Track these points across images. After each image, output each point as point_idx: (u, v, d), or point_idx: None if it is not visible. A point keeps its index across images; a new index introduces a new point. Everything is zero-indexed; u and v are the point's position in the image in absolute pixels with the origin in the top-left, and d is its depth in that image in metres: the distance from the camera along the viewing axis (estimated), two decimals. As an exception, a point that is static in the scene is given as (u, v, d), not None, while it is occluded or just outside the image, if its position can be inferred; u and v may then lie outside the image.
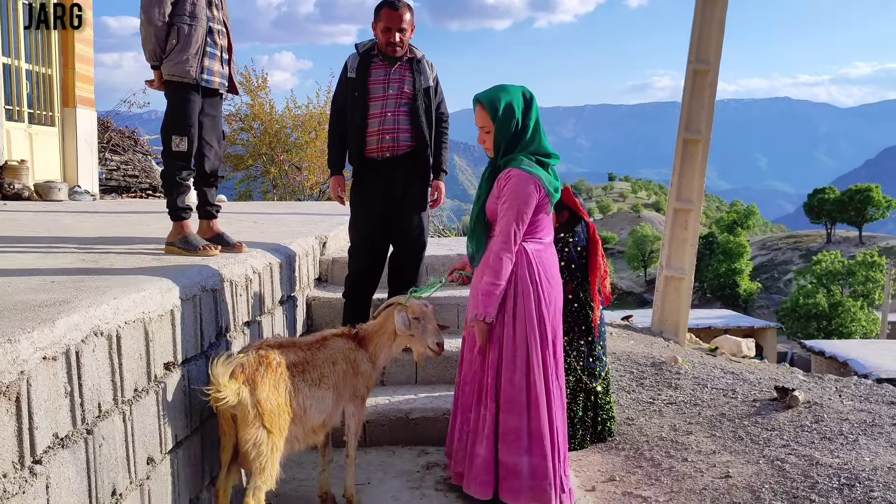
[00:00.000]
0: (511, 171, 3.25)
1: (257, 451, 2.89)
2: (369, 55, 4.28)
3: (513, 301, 3.30)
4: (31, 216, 6.31)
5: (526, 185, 3.21)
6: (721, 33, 9.08)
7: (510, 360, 3.30)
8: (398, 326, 3.37)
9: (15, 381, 1.80)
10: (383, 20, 4.17)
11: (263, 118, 15.31)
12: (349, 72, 4.30)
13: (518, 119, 3.29)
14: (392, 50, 4.21)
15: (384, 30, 4.17)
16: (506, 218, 3.23)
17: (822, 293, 43.50)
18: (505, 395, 3.31)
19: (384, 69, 4.26)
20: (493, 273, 3.23)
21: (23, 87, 9.04)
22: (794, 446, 4.21)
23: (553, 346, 3.38)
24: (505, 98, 3.31)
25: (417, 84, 4.29)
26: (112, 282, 2.69)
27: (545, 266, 3.37)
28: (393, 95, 4.24)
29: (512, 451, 3.29)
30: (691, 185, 9.29)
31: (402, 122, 4.26)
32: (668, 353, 6.96)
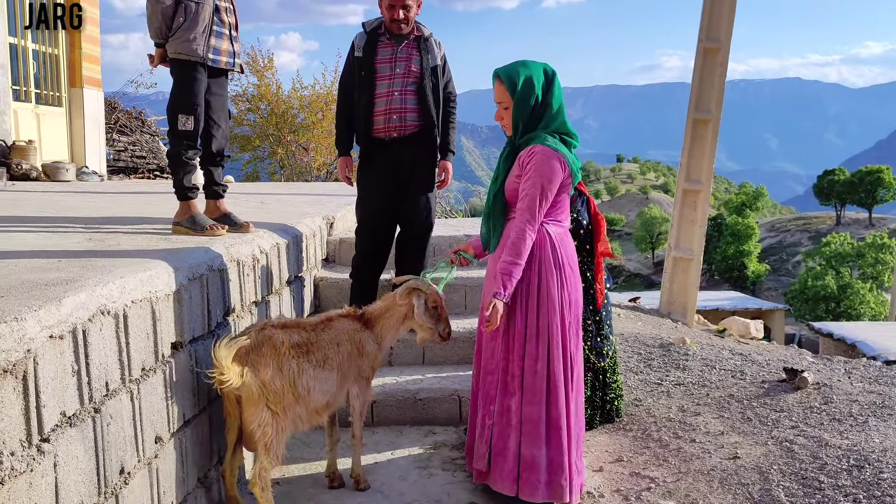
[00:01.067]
0: (535, 148, 3.12)
1: (262, 432, 2.90)
2: (376, 34, 4.23)
3: (536, 286, 3.18)
4: (39, 196, 6.32)
5: (551, 161, 3.08)
6: (732, 10, 8.98)
7: (533, 347, 3.18)
8: (418, 313, 3.32)
9: (21, 359, 1.80)
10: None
11: (270, 99, 15.26)
12: (356, 51, 4.25)
13: (538, 95, 3.16)
14: (397, 27, 4.15)
15: (388, 6, 4.10)
16: (529, 194, 3.09)
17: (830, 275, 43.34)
18: (527, 385, 3.19)
19: (391, 48, 4.20)
20: (514, 251, 3.09)
21: (30, 68, 9.02)
22: (803, 427, 4.20)
23: (576, 331, 3.28)
24: (524, 73, 3.17)
25: (425, 63, 4.23)
26: (119, 261, 2.68)
27: (567, 250, 3.26)
28: (400, 74, 4.19)
29: (530, 444, 3.18)
30: (701, 166, 9.23)
31: (410, 102, 4.21)
32: (677, 334, 6.94)
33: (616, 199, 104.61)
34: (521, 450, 3.20)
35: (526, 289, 3.18)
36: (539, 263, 3.18)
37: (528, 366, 3.19)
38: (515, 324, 3.21)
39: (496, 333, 3.26)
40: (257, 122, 15.59)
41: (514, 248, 3.10)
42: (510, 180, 3.22)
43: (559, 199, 3.21)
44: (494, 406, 3.29)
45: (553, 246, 3.20)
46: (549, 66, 3.26)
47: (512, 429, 3.22)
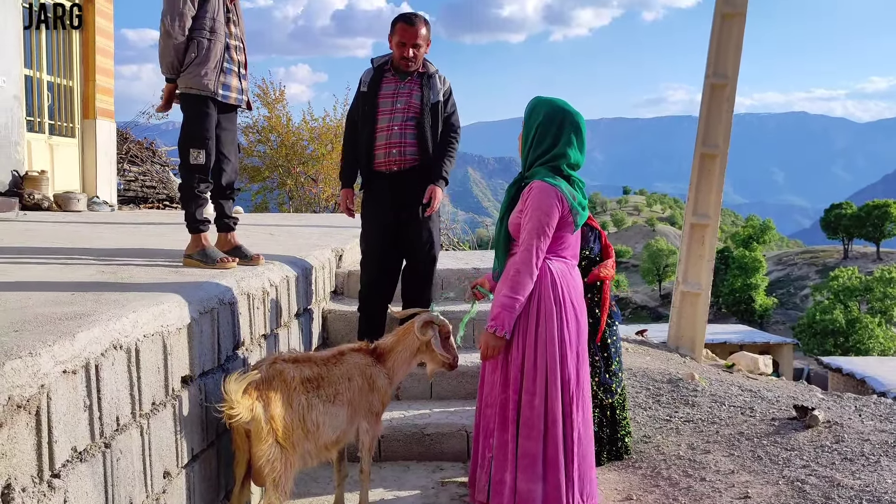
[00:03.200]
0: (533, 184, 3.14)
1: (271, 467, 2.88)
2: (382, 70, 4.32)
3: (535, 321, 3.15)
4: (51, 227, 6.36)
5: (547, 196, 3.09)
6: (739, 48, 9.06)
7: (530, 382, 3.15)
8: (435, 345, 3.36)
9: (35, 394, 1.80)
10: (398, 34, 4.18)
11: (280, 130, 15.40)
12: (362, 86, 4.34)
13: (539, 127, 3.19)
14: (405, 64, 4.22)
15: (399, 44, 4.19)
16: (527, 229, 3.11)
17: (839, 309, 43.08)
18: (524, 419, 3.16)
19: (394, 83, 4.29)
20: (512, 287, 3.09)
21: (44, 99, 9.15)
22: (815, 467, 4.15)
23: (576, 370, 3.23)
24: (537, 108, 3.24)
25: (426, 98, 4.28)
26: (131, 295, 2.70)
27: (569, 286, 3.22)
28: (400, 109, 4.25)
29: (527, 478, 3.14)
30: (708, 200, 9.25)
31: (409, 136, 4.26)
32: (685, 369, 6.90)
33: (623, 231, 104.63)
34: (517, 484, 3.18)
35: (525, 324, 3.16)
36: (538, 299, 3.15)
37: (526, 401, 3.16)
38: (514, 358, 3.19)
39: (496, 367, 3.25)
40: (267, 153, 15.72)
41: (512, 283, 3.10)
42: (514, 215, 3.24)
43: (561, 235, 3.19)
44: (493, 439, 3.27)
45: (553, 281, 3.17)
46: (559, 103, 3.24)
47: (508, 462, 3.19)
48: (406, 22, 4.19)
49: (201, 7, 3.66)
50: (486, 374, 3.35)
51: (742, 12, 9.13)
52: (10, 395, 1.71)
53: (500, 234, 3.31)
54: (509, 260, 3.24)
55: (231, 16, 3.80)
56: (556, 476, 3.14)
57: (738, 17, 9.11)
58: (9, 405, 1.70)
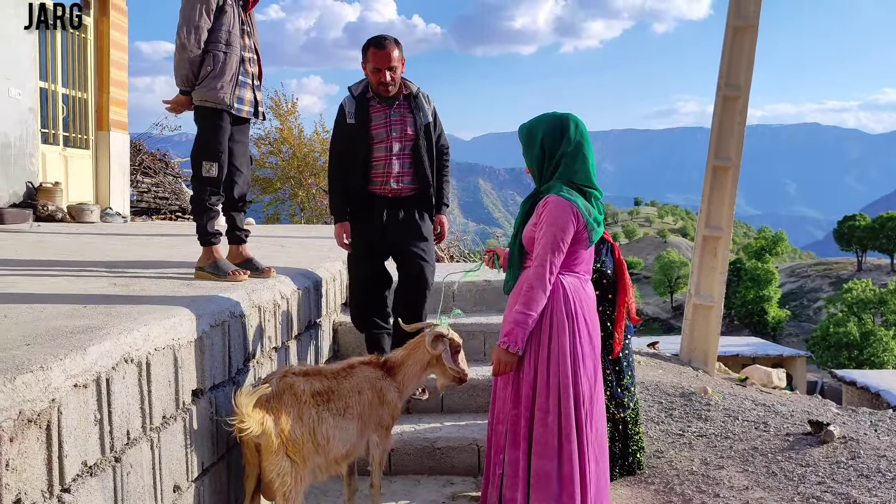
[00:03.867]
0: (548, 198, 3.09)
1: (281, 481, 2.87)
2: (365, 98, 4.14)
3: (547, 337, 3.10)
4: (64, 238, 6.40)
5: (563, 211, 3.04)
6: (751, 60, 9.03)
7: (543, 400, 3.10)
8: (446, 358, 3.33)
9: (46, 409, 1.80)
10: (371, 60, 4.00)
11: (292, 142, 15.46)
12: (348, 117, 4.14)
13: (544, 141, 3.16)
14: (384, 90, 4.05)
15: (374, 70, 4.01)
16: (541, 244, 3.06)
17: (853, 322, 42.71)
18: (537, 437, 3.10)
19: (383, 111, 4.12)
20: (525, 302, 3.05)
21: (59, 112, 9.22)
22: (830, 483, 4.10)
23: (590, 386, 3.19)
24: (531, 123, 3.22)
25: (418, 122, 4.16)
26: (143, 308, 2.70)
27: (582, 300, 3.18)
28: (396, 138, 4.12)
29: (540, 497, 3.08)
30: (720, 213, 9.20)
31: (406, 166, 4.16)
32: (698, 383, 6.85)
33: (634, 243, 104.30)
34: (530, 502, 3.13)
35: (537, 339, 3.12)
36: (550, 314, 3.11)
37: (539, 418, 3.11)
38: (525, 375, 3.14)
39: (507, 382, 3.21)
40: (279, 164, 15.78)
41: (525, 299, 3.06)
42: (528, 228, 3.21)
43: (575, 250, 3.15)
44: (504, 456, 3.22)
45: (566, 296, 3.13)
46: (567, 115, 3.21)
47: (519, 480, 3.14)
48: (376, 46, 4.00)
49: (217, 20, 3.67)
50: (498, 390, 3.31)
51: (754, 24, 9.11)
52: (21, 409, 1.71)
53: (514, 248, 3.28)
54: (522, 274, 3.21)
55: (245, 27, 3.82)
56: (571, 495, 3.08)
57: (750, 30, 9.08)
58: (19, 419, 1.70)
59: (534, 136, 3.19)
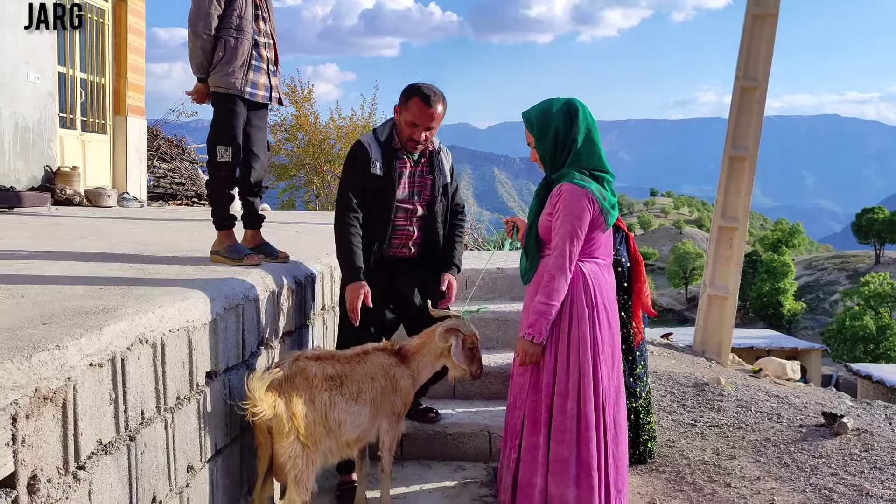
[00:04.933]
0: (562, 186, 3.09)
1: (292, 464, 2.89)
2: (392, 147, 3.77)
3: (567, 324, 3.11)
4: (81, 222, 6.46)
5: (578, 199, 3.04)
6: (770, 50, 8.94)
7: (563, 386, 3.11)
8: (455, 353, 3.33)
9: (62, 387, 1.82)
10: (412, 113, 3.62)
11: (308, 129, 15.50)
12: (373, 166, 3.72)
13: (557, 131, 3.14)
14: (412, 146, 3.75)
15: (410, 123, 3.65)
16: (559, 233, 3.07)
17: (869, 315, 42.38)
18: (556, 423, 3.12)
19: (409, 168, 3.81)
20: (547, 293, 3.06)
21: (77, 96, 9.28)
22: (843, 475, 4.08)
23: (609, 372, 3.19)
24: (544, 113, 3.17)
25: (437, 183, 3.86)
26: (158, 290, 2.72)
27: (602, 288, 3.18)
28: (418, 202, 3.84)
29: (560, 482, 3.10)
30: (737, 203, 9.14)
31: (422, 229, 3.89)
32: (711, 373, 6.83)
33: (649, 234, 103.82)
34: (548, 488, 3.14)
35: (557, 327, 3.12)
36: (570, 301, 3.11)
37: (558, 404, 3.12)
38: (545, 362, 3.15)
39: (525, 369, 3.22)
40: (295, 151, 15.83)
41: (547, 289, 3.07)
42: (543, 217, 3.21)
43: (592, 236, 3.15)
44: (520, 441, 3.23)
45: (586, 283, 3.13)
46: (573, 102, 3.20)
47: (538, 465, 3.15)
48: (424, 101, 3.61)
49: (228, 6, 3.68)
50: (515, 376, 3.32)
51: (774, 13, 9.01)
52: (37, 386, 1.73)
53: (531, 238, 3.27)
54: (541, 264, 3.21)
55: (260, 13, 3.82)
56: (590, 480, 3.09)
57: (770, 19, 8.98)
58: (36, 397, 1.72)
59: (547, 127, 3.16)
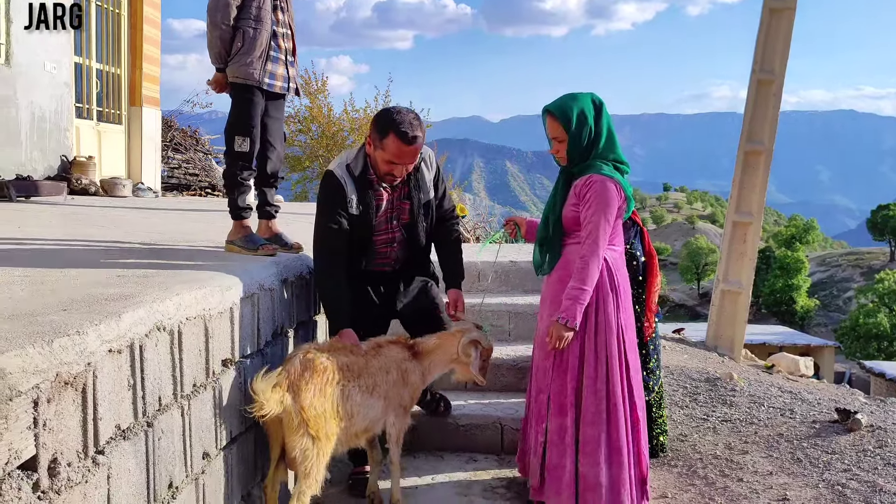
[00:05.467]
0: (592, 177, 3.23)
1: (303, 457, 2.89)
2: (367, 179, 3.50)
3: (594, 309, 3.26)
4: (97, 211, 6.50)
5: (609, 190, 3.21)
6: (787, 43, 8.86)
7: (591, 368, 3.25)
8: (473, 365, 3.40)
9: (82, 372, 1.85)
10: (390, 151, 3.34)
11: (321, 120, 15.52)
12: (349, 205, 3.46)
13: (591, 126, 3.27)
14: (391, 181, 3.50)
15: (387, 161, 3.38)
16: (593, 222, 3.21)
17: (883, 313, 42.08)
18: (586, 405, 3.25)
19: (387, 196, 3.59)
20: (581, 278, 3.19)
21: (93, 86, 9.34)
22: (856, 471, 4.07)
23: (631, 353, 3.35)
24: (576, 107, 3.27)
25: (416, 205, 3.62)
26: (175, 278, 2.74)
27: (621, 274, 3.37)
28: (397, 227, 3.66)
29: (591, 462, 3.22)
30: (751, 198, 9.08)
31: (404, 249, 3.73)
32: (723, 368, 6.80)
33: (662, 229, 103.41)
34: (578, 468, 3.24)
35: (584, 311, 3.24)
36: (596, 287, 3.25)
37: (587, 386, 3.25)
38: (571, 346, 3.26)
39: (549, 354, 3.32)
40: (308, 143, 15.85)
41: (581, 275, 3.20)
42: (567, 208, 3.33)
43: (613, 224, 3.30)
44: (546, 424, 3.34)
45: (609, 270, 3.30)
46: (595, 96, 3.35)
47: (566, 447, 3.27)
48: (402, 139, 3.29)
49: (247, -4, 3.69)
50: (538, 360, 3.42)
51: (791, 7, 8.93)
52: (58, 371, 1.75)
53: (551, 228, 3.38)
54: (565, 252, 3.35)
55: (279, 3, 3.84)
56: (620, 459, 3.23)
57: (788, 12, 8.90)
58: (56, 381, 1.75)
59: (583, 121, 3.27)
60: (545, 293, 3.46)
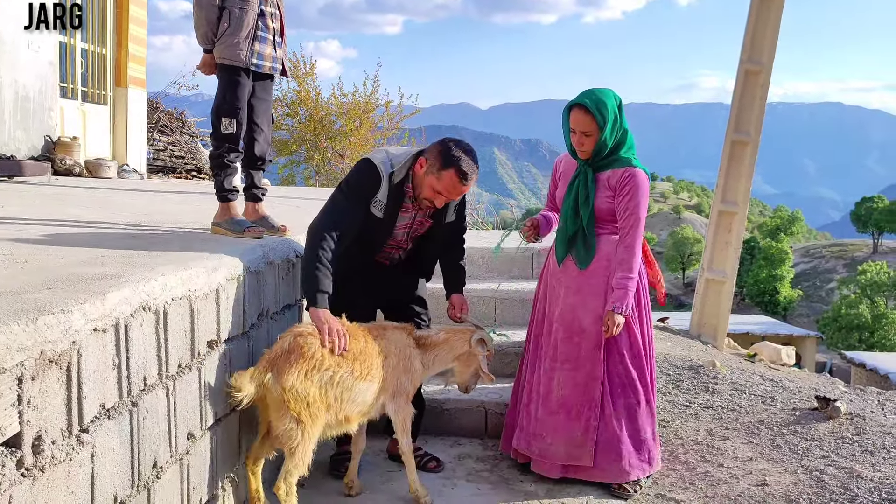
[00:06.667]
0: (631, 170, 3.51)
1: (288, 436, 2.89)
2: (402, 191, 3.48)
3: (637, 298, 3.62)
4: (82, 192, 6.45)
5: (646, 182, 3.55)
6: (776, 34, 8.89)
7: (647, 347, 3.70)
8: (482, 366, 3.49)
9: (66, 350, 1.84)
10: (443, 184, 3.33)
11: (309, 104, 15.43)
12: (374, 205, 3.43)
13: (621, 123, 3.51)
14: (429, 205, 3.50)
15: (436, 191, 3.37)
16: (635, 214, 3.51)
17: (865, 304, 42.53)
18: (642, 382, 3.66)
19: (411, 212, 3.58)
20: (629, 267, 3.51)
21: (77, 66, 9.23)
22: (834, 458, 4.13)
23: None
24: (610, 104, 3.46)
25: (436, 227, 3.67)
26: (160, 259, 2.74)
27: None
28: (410, 238, 3.69)
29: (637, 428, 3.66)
30: (737, 188, 9.12)
31: (409, 254, 3.78)
32: (706, 356, 6.86)
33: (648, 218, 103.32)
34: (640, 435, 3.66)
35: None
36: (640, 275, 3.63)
37: (636, 365, 3.64)
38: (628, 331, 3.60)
39: (599, 344, 3.58)
40: (295, 126, 15.77)
41: (629, 264, 3.52)
42: (602, 200, 3.55)
43: None
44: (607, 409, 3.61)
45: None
46: (617, 96, 3.55)
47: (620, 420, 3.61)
48: (461, 178, 3.31)
49: (234, -25, 3.66)
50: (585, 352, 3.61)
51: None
52: (42, 349, 1.75)
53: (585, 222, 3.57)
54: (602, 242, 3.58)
55: (266, -18, 3.81)
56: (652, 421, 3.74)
57: (777, 2, 8.92)
58: (41, 359, 1.74)
59: (619, 116, 3.50)
60: (580, 284, 3.63)
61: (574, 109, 3.49)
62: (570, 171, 3.76)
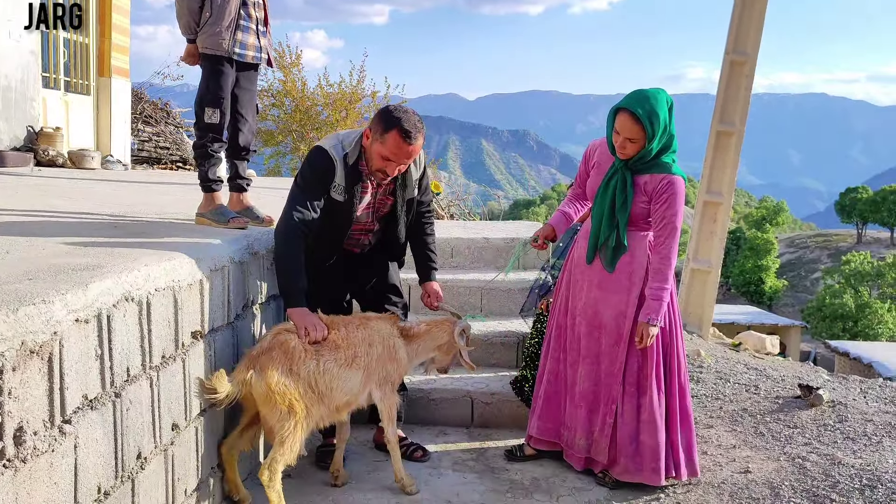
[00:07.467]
0: (671, 178, 3.41)
1: (279, 427, 2.92)
2: (358, 170, 3.44)
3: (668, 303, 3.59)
4: (65, 182, 6.40)
5: (683, 190, 3.46)
6: (761, 24, 8.92)
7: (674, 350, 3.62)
8: (463, 354, 3.51)
9: (48, 341, 1.83)
10: (388, 148, 3.26)
11: (295, 95, 15.35)
12: (334, 190, 3.39)
13: (669, 131, 3.43)
14: (382, 177, 3.43)
15: (383, 157, 3.30)
16: (671, 224, 3.43)
17: (849, 293, 42.87)
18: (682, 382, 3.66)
19: (372, 191, 3.54)
20: (665, 277, 3.47)
21: (60, 56, 9.14)
22: (816, 445, 4.17)
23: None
24: (663, 114, 3.34)
25: (398, 203, 3.60)
26: (144, 250, 2.72)
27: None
28: (375, 218, 3.65)
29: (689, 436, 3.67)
30: (722, 178, 9.17)
31: (377, 237, 3.75)
32: (691, 346, 6.91)
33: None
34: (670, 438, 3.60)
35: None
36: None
37: (671, 366, 3.60)
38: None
39: (619, 340, 3.55)
40: (281, 117, 15.69)
41: (665, 274, 3.48)
42: (637, 206, 3.47)
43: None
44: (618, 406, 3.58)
45: None
46: (668, 96, 3.43)
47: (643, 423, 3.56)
48: (404, 138, 3.24)
49: (215, -35, 3.63)
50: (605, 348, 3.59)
51: (765, -13, 8.97)
52: (23, 339, 1.74)
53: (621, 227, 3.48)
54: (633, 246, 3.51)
55: (249, -28, 3.78)
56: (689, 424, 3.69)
57: (762, -8, 8.95)
58: (22, 350, 1.73)
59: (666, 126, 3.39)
60: (602, 278, 3.57)
61: (622, 113, 3.32)
62: (604, 161, 3.61)
